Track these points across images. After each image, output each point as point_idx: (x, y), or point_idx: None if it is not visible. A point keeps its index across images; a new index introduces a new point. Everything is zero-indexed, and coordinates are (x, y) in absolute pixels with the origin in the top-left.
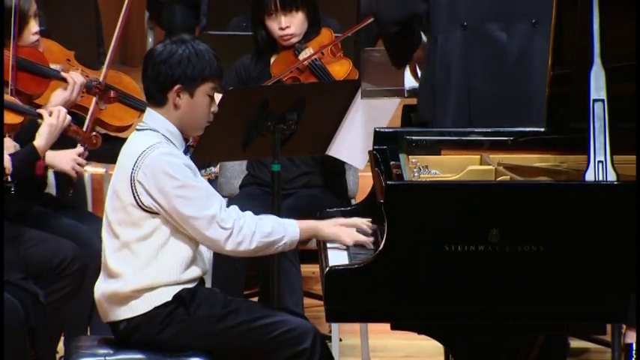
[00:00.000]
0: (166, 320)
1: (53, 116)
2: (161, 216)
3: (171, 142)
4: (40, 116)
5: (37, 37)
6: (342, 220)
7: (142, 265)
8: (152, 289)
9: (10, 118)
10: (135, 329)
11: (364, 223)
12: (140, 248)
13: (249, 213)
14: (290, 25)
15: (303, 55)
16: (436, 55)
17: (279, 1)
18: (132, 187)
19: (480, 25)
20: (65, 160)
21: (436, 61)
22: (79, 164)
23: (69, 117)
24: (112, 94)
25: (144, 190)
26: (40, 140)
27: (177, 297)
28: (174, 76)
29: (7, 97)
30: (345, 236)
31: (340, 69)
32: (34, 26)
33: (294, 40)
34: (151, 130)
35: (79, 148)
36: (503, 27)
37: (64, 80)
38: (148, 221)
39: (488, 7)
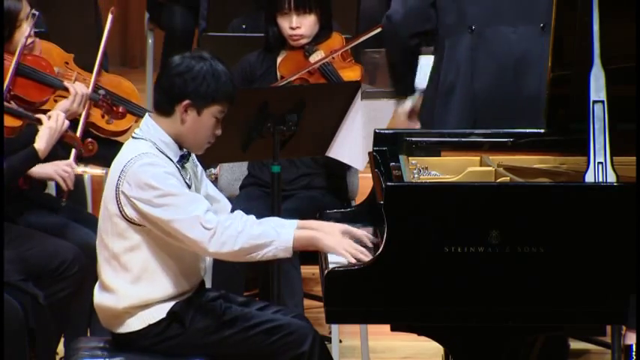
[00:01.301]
0: (162, 336)
1: (52, 120)
2: (145, 228)
3: (163, 151)
4: (39, 121)
5: (31, 39)
6: (347, 227)
7: (133, 280)
8: (146, 306)
9: (9, 121)
10: (131, 342)
11: (367, 236)
12: (129, 260)
13: (250, 217)
14: (301, 25)
15: (314, 58)
16: (443, 59)
17: (293, 0)
18: (117, 197)
19: (488, 27)
20: (49, 166)
21: (442, 64)
22: (64, 171)
23: (67, 122)
24: (120, 109)
25: (127, 202)
26: (40, 143)
27: (171, 313)
28: (186, 91)
29: (6, 104)
30: (343, 251)
31: (352, 74)
32: (26, 29)
33: (303, 41)
34: (144, 139)
35: (68, 160)
36: (511, 30)
37: (67, 90)
38: (132, 233)
39: (497, 10)
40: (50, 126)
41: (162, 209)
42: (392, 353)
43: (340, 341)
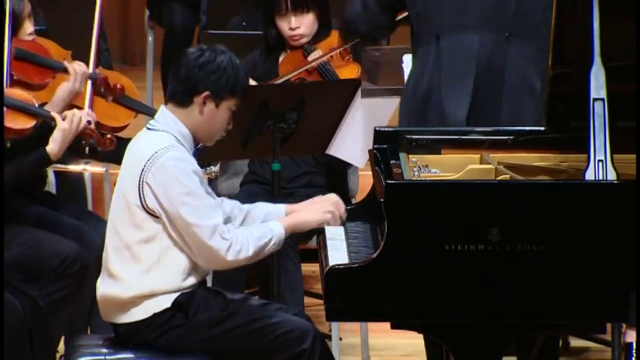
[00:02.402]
0: (165, 326)
1: (67, 121)
2: (163, 221)
3: (182, 144)
4: (53, 119)
5: (31, 37)
6: (316, 199)
7: (143, 271)
8: (152, 296)
9: (21, 121)
10: (134, 333)
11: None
12: (141, 252)
13: (234, 206)
14: (300, 25)
15: (312, 57)
16: (415, 68)
17: (290, 1)
18: (139, 188)
19: (453, 35)
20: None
21: (413, 74)
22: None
23: (84, 122)
24: (118, 85)
25: (151, 193)
26: (54, 147)
27: (175, 303)
28: (206, 83)
29: (20, 95)
30: (323, 217)
31: (349, 73)
32: (28, 27)
33: (304, 40)
34: (163, 131)
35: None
36: (475, 38)
37: (66, 71)
38: (150, 224)
39: (461, 18)
40: (64, 128)
41: (184, 208)
42: (392, 351)
43: (340, 339)
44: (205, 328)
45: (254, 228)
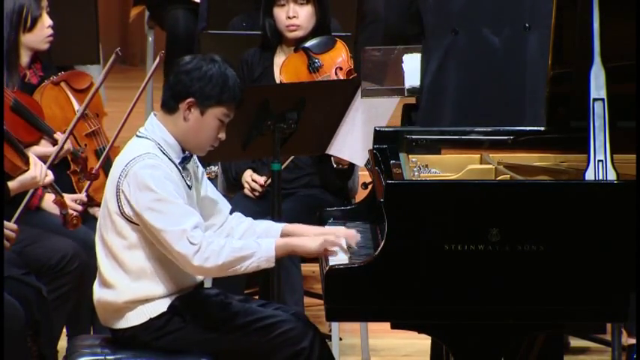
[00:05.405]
0: (162, 330)
1: (39, 170)
2: (142, 228)
3: (165, 152)
4: (28, 159)
5: (50, 31)
6: (320, 229)
7: (133, 277)
8: (147, 301)
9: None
10: (131, 338)
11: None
12: (128, 258)
13: (244, 223)
14: (297, 15)
15: (320, 77)
16: (429, 61)
17: None
18: (117, 195)
19: (472, 29)
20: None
21: (427, 66)
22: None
23: (50, 177)
24: (93, 170)
25: (126, 200)
26: (14, 183)
27: (171, 307)
28: (190, 89)
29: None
30: (322, 250)
31: None
32: (47, 20)
33: (299, 33)
34: (147, 138)
35: (76, 195)
36: (494, 32)
37: (55, 140)
38: (130, 231)
39: (479, 12)
40: (34, 175)
41: (154, 214)
42: (392, 351)
43: (340, 339)
44: (203, 331)
45: (240, 240)
